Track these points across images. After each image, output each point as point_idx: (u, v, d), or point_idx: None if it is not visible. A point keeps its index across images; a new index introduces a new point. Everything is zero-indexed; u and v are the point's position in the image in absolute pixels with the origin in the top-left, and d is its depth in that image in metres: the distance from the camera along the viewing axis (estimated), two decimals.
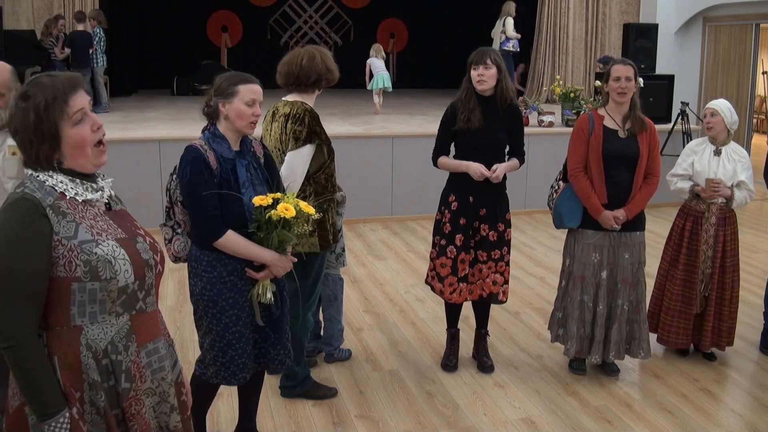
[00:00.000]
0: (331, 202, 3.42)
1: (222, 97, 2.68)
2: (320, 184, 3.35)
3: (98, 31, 9.45)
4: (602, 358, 3.87)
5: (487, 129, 3.71)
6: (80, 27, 9.23)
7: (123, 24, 12.62)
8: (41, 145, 1.70)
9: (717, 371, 4.05)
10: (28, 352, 1.65)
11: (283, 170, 3.27)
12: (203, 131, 2.78)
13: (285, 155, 3.30)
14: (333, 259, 4.00)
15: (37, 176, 1.73)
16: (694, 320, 4.08)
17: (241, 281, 2.71)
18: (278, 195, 2.66)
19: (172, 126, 8.05)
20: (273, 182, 2.83)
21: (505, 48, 10.56)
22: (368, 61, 10.22)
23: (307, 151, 3.27)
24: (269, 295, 2.73)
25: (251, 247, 2.66)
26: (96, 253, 1.71)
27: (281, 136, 3.32)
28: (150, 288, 1.86)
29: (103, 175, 1.90)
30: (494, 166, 3.69)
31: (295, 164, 3.26)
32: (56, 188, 1.72)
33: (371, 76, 10.04)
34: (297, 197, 3.31)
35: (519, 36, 10.67)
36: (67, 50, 9.14)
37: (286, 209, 2.57)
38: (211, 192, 2.61)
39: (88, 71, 9.26)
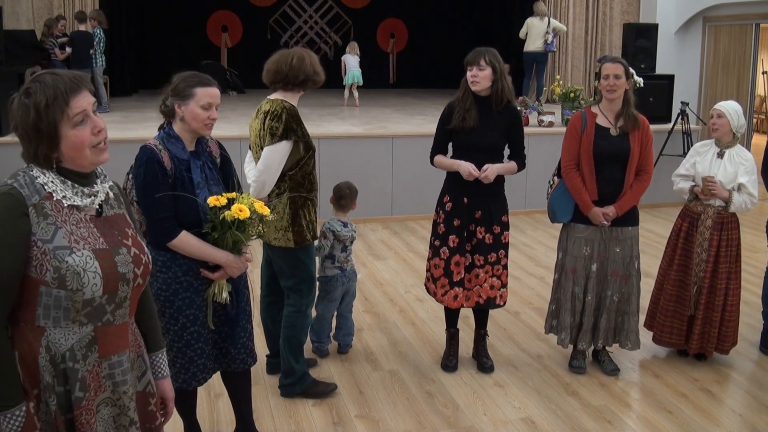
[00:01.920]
0: (308, 200, 3.43)
1: (178, 98, 2.64)
2: (296, 181, 3.36)
3: (98, 31, 9.44)
4: (590, 345, 3.94)
5: (482, 129, 3.71)
6: (81, 27, 9.22)
7: (123, 24, 12.61)
8: (39, 144, 1.69)
9: (717, 371, 4.05)
10: None
11: (259, 165, 3.30)
12: (159, 130, 2.75)
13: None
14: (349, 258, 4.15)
15: (31, 171, 1.71)
16: (687, 321, 4.07)
17: (197, 281, 2.70)
18: (233, 195, 2.64)
19: None
20: (230, 183, 2.80)
21: (552, 49, 10.67)
22: (343, 57, 11.13)
23: (283, 147, 3.28)
24: (225, 294, 2.72)
25: (205, 247, 2.64)
26: (67, 262, 1.68)
27: (260, 132, 3.36)
28: (123, 301, 1.81)
29: (105, 176, 1.86)
30: (485, 166, 3.68)
31: (271, 160, 3.28)
32: (45, 187, 1.70)
33: (345, 71, 11.02)
34: (272, 193, 3.33)
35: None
36: (68, 50, 9.14)
37: (240, 210, 2.56)
38: (165, 193, 2.58)
39: (89, 71, 9.25)
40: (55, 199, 1.71)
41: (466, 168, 3.68)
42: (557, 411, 3.57)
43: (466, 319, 4.41)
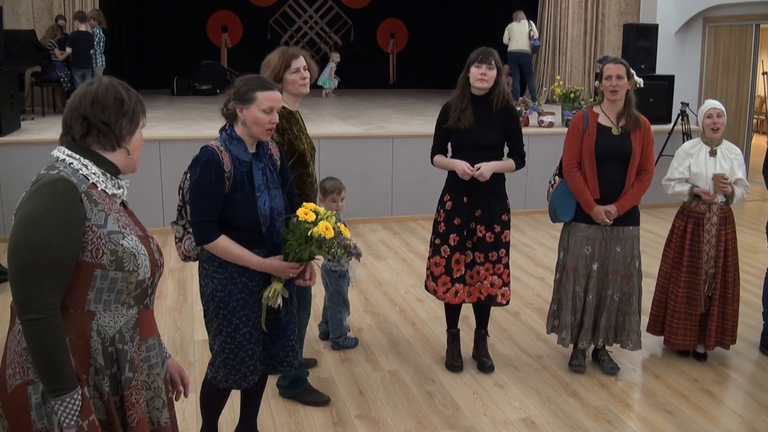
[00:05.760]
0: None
1: (240, 102, 2.64)
2: None
3: (98, 31, 9.45)
4: (590, 344, 3.95)
5: (478, 129, 3.72)
6: (81, 27, 9.23)
7: (123, 24, 12.62)
8: (128, 124, 1.84)
9: (717, 371, 4.05)
10: (54, 327, 1.70)
11: None
12: (221, 131, 2.76)
13: None
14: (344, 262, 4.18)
15: (70, 163, 1.79)
16: (699, 320, 4.09)
17: (252, 282, 2.70)
18: (320, 210, 2.65)
19: (172, 126, 8.05)
20: (286, 186, 2.80)
21: (538, 44, 11.05)
22: None
23: None
24: (279, 301, 2.71)
25: (243, 253, 2.62)
26: (123, 245, 1.79)
27: None
28: (155, 286, 1.94)
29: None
30: (477, 164, 3.70)
31: None
32: (89, 178, 1.79)
33: None
34: None
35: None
36: (68, 50, 9.14)
37: (327, 228, 2.59)
38: (214, 198, 2.58)
39: (89, 71, 9.26)
40: (99, 189, 1.81)
41: (461, 167, 3.71)
42: (557, 411, 3.57)
43: (467, 319, 4.41)
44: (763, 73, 13.05)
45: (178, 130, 7.63)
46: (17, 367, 1.76)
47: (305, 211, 2.60)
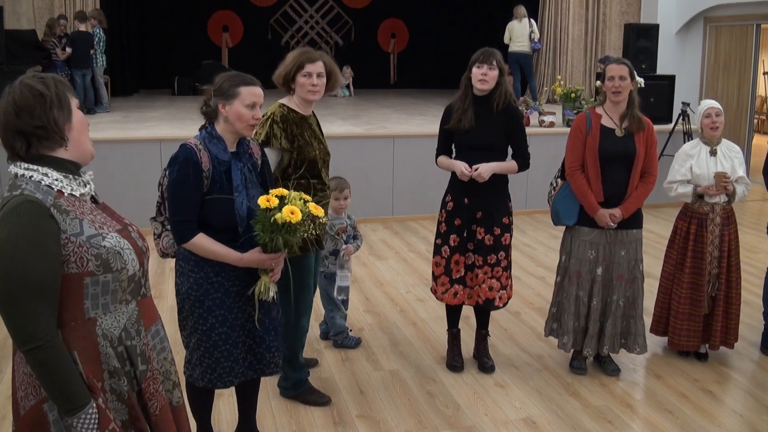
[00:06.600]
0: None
1: (222, 98, 2.64)
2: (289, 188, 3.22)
3: (98, 31, 9.45)
4: (596, 351, 3.93)
5: (479, 129, 3.71)
6: (82, 27, 9.23)
7: (123, 24, 12.62)
8: (59, 112, 1.76)
9: (717, 371, 4.05)
10: (54, 349, 1.69)
11: None
12: (200, 130, 2.75)
13: None
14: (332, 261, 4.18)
15: (30, 176, 1.73)
16: (703, 321, 4.08)
17: (228, 282, 2.69)
18: (283, 192, 2.56)
19: (173, 126, 8.05)
20: (268, 185, 2.78)
21: (538, 47, 11.00)
22: None
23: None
24: (272, 293, 2.70)
25: (220, 250, 2.60)
26: (105, 246, 1.77)
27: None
28: (146, 273, 1.96)
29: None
30: (476, 165, 3.68)
31: None
32: (53, 187, 1.74)
33: None
34: None
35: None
36: (69, 50, 9.14)
37: (292, 212, 2.48)
38: (192, 197, 2.57)
39: (89, 71, 9.27)
40: (66, 194, 1.77)
41: (459, 167, 3.70)
42: (558, 411, 3.57)
43: (467, 319, 4.41)
44: (764, 73, 13.05)
45: (178, 129, 7.62)
46: (29, 388, 1.76)
47: (267, 198, 2.51)
